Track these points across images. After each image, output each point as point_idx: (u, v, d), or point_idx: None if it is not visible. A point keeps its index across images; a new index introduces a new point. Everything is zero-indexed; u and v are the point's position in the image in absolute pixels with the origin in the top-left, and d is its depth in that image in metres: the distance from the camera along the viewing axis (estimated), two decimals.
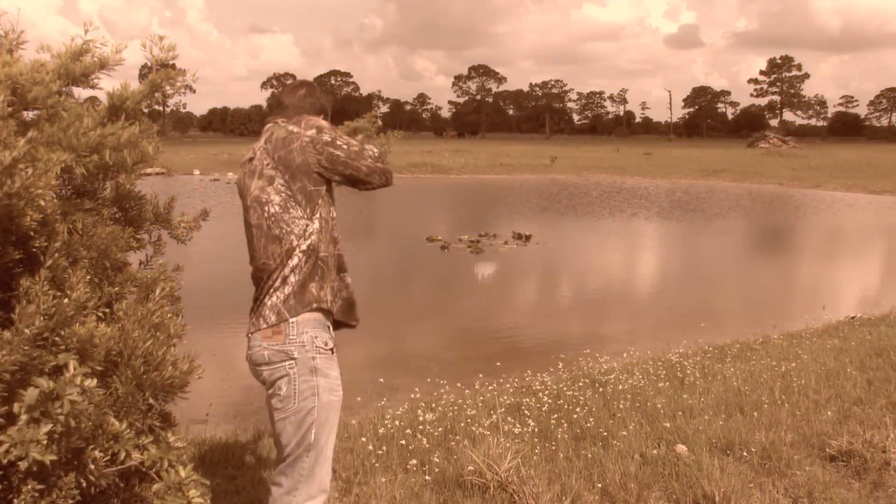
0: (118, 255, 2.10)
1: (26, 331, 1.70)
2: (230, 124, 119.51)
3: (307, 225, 2.40)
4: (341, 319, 2.56)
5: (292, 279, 2.38)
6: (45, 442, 1.52)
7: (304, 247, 2.39)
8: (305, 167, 2.38)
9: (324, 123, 2.47)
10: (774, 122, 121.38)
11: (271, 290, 2.39)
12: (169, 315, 2.07)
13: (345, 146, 2.43)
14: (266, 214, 2.41)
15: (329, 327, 2.47)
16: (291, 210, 2.39)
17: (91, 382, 1.60)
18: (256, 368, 2.43)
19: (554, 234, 17.10)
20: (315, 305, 2.39)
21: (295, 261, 2.38)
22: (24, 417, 1.53)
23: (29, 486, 1.63)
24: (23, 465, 1.52)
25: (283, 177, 2.39)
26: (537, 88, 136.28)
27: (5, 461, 1.53)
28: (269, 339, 2.36)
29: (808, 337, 7.29)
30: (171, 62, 2.42)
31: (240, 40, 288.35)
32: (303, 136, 2.40)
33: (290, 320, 2.35)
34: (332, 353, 2.44)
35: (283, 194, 2.39)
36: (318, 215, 2.42)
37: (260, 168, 2.44)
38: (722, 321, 9.13)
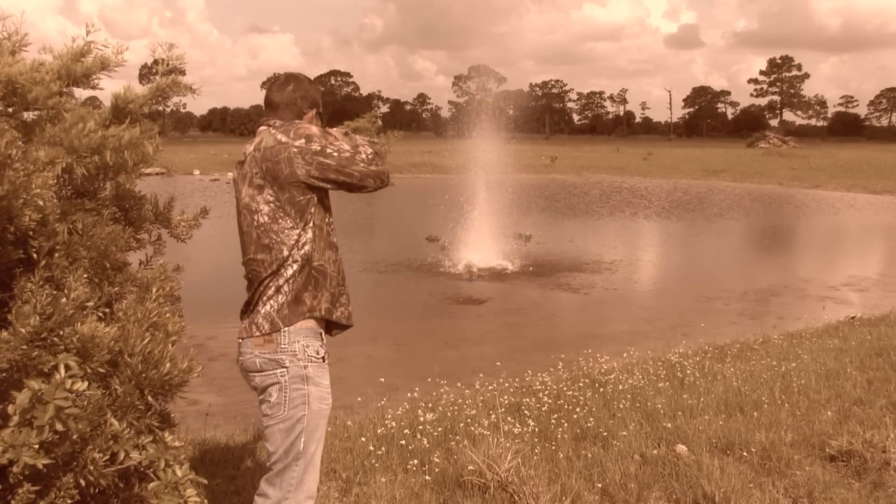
0: (118, 254, 2.09)
1: (22, 330, 1.69)
2: (230, 124, 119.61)
3: (300, 235, 2.36)
4: (339, 321, 2.50)
5: (286, 289, 2.35)
6: (36, 445, 1.52)
7: (297, 257, 2.36)
8: (293, 178, 2.33)
9: (314, 131, 2.39)
10: (774, 122, 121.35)
11: (264, 297, 2.37)
12: (167, 314, 2.07)
13: (335, 153, 2.35)
14: (255, 223, 2.38)
15: (321, 334, 2.45)
16: (281, 221, 2.35)
17: (82, 385, 1.59)
18: (248, 375, 2.43)
19: (554, 234, 17.10)
20: (308, 315, 2.37)
21: (289, 272, 2.36)
22: (15, 419, 1.53)
23: (24, 488, 1.63)
24: (16, 468, 1.52)
25: (270, 187, 2.35)
26: (537, 88, 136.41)
27: None
28: (261, 347, 2.35)
29: (808, 337, 7.29)
30: (179, 67, 2.42)
31: (240, 40, 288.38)
32: (291, 147, 2.33)
33: (283, 329, 2.34)
34: (324, 361, 2.43)
35: (271, 204, 2.35)
36: (310, 224, 2.38)
37: (250, 175, 2.40)
38: (722, 321, 9.14)
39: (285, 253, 2.35)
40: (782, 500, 3.49)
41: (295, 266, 2.36)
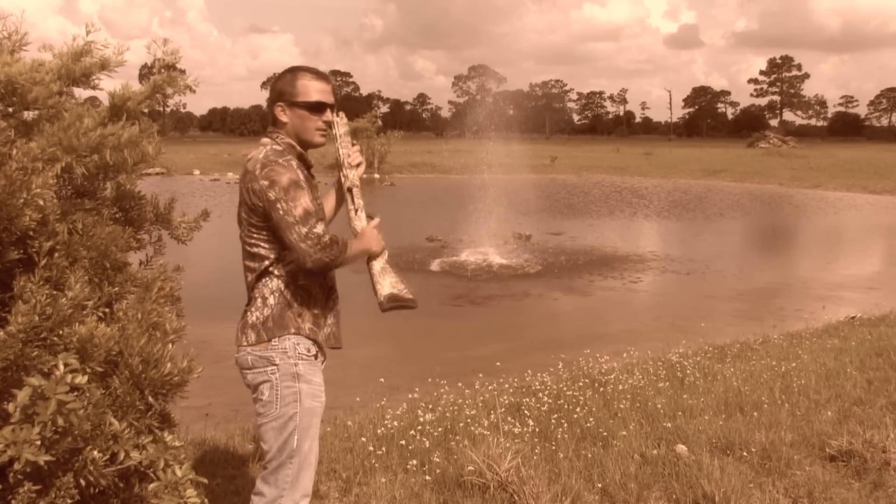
0: (118, 255, 2.09)
1: (12, 328, 1.69)
2: (230, 124, 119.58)
3: (280, 253, 2.37)
4: (325, 343, 2.51)
5: (271, 301, 2.37)
6: (38, 442, 1.52)
7: (279, 272, 2.38)
8: (255, 208, 2.34)
9: (282, 180, 2.28)
10: (774, 122, 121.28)
11: (253, 307, 2.40)
12: (167, 313, 2.07)
13: (281, 211, 2.27)
14: (244, 233, 2.41)
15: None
16: (258, 234, 2.37)
17: (82, 379, 1.59)
18: (241, 372, 2.44)
19: (554, 234, 17.10)
20: (293, 331, 2.38)
21: (273, 284, 2.38)
22: (17, 416, 1.53)
23: (25, 487, 1.63)
24: (17, 465, 1.52)
25: (246, 205, 2.37)
26: (537, 88, 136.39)
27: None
28: (253, 345, 2.37)
29: (808, 337, 7.29)
30: (175, 64, 2.42)
31: (240, 40, 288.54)
32: (256, 183, 2.31)
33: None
34: (316, 358, 2.44)
35: (251, 220, 2.37)
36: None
37: (241, 186, 2.43)
38: (722, 321, 9.14)
39: (266, 264, 2.38)
40: (782, 500, 3.49)
41: (278, 281, 2.38)
